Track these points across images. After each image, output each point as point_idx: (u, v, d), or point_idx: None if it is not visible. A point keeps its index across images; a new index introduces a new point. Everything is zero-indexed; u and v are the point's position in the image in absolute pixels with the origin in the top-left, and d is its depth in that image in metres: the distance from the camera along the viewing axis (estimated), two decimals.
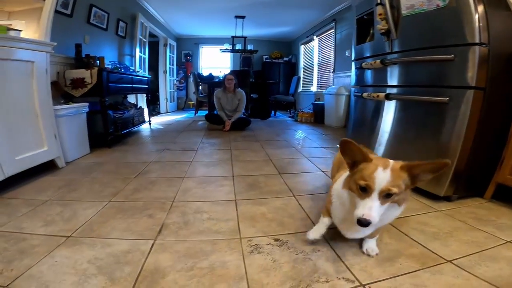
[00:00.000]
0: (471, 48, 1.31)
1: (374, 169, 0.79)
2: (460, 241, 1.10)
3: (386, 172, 0.78)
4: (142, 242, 1.05)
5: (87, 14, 3.10)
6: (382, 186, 0.77)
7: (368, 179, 0.78)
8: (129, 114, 3.19)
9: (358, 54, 2.26)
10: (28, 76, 1.71)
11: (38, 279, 0.83)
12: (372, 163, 0.82)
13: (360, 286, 0.84)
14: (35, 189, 1.56)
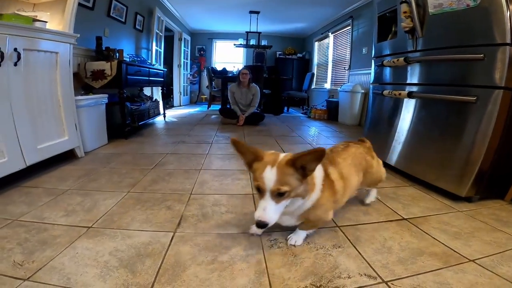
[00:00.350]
0: (501, 48, 1.27)
1: (263, 169, 0.77)
2: (482, 241, 1.08)
3: (273, 170, 0.76)
4: (162, 234, 1.05)
5: (107, 7, 3.14)
6: (271, 186, 0.76)
7: (259, 180, 0.77)
8: (145, 106, 3.22)
9: (379, 51, 2.23)
10: (52, 67, 1.74)
11: (59, 271, 0.83)
12: (262, 162, 0.80)
13: (382, 283, 0.82)
14: (55, 178, 1.59)
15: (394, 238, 1.08)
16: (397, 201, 1.43)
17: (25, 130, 1.49)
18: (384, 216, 1.26)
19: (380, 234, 1.10)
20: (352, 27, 4.93)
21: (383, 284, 0.82)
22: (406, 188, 1.63)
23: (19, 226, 1.06)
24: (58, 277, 0.80)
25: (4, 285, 0.75)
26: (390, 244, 1.03)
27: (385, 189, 1.58)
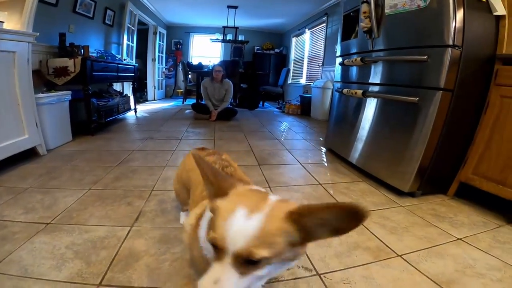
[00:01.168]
0: (444, 50, 1.34)
1: (229, 213, 0.45)
2: (414, 236, 1.18)
3: (250, 222, 0.43)
4: (119, 229, 1.12)
5: (73, 3, 3.05)
6: (238, 246, 0.43)
7: (217, 230, 0.45)
8: (113, 102, 3.18)
9: (343, 50, 2.30)
10: (9, 66, 1.71)
11: (18, 263, 0.89)
12: (230, 200, 0.48)
13: (316, 275, 0.92)
14: (16, 176, 1.59)
15: None
16: (347, 196, 1.56)
17: None
18: None
19: None
20: (327, 24, 5.04)
21: (317, 276, 0.92)
22: (358, 184, 1.75)
23: None
24: (16, 268, 0.86)
25: None
26: (331, 238, 1.14)
27: (338, 185, 1.72)
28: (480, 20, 1.41)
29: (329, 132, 2.52)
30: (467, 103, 1.47)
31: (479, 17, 1.40)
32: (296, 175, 1.86)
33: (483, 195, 1.45)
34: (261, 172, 1.85)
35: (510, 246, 1.13)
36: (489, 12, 1.42)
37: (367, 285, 0.89)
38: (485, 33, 1.44)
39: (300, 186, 1.67)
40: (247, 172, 1.84)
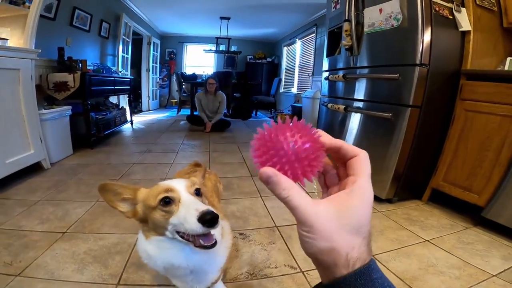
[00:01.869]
0: (413, 69, 1.46)
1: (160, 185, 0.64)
2: (387, 238, 1.32)
3: (176, 180, 0.67)
4: (128, 236, 1.24)
5: (70, 17, 3.15)
6: (183, 186, 0.65)
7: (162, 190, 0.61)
8: (111, 115, 3.28)
9: (329, 65, 2.41)
10: (14, 84, 1.81)
11: (44, 268, 1.01)
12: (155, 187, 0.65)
13: (300, 272, 1.07)
14: (25, 190, 1.69)
15: None
16: None
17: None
18: None
19: None
20: (316, 34, 5.24)
21: (301, 273, 1.07)
22: None
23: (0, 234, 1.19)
24: (43, 272, 0.99)
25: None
26: None
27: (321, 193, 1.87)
28: (447, 36, 1.52)
29: None
30: (435, 117, 1.61)
31: (446, 33, 1.52)
32: None
33: (453, 200, 1.60)
34: (253, 183, 1.99)
35: (473, 247, 1.28)
36: (455, 28, 1.53)
37: None
38: (451, 49, 1.55)
39: None
40: (240, 183, 1.97)
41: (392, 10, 1.55)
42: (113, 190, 0.64)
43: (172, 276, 0.70)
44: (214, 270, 0.72)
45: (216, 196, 0.99)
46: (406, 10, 1.48)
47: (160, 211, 0.60)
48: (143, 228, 0.67)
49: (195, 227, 0.54)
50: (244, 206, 1.61)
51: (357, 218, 0.25)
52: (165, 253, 0.64)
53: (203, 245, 0.57)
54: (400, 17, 1.51)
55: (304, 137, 0.26)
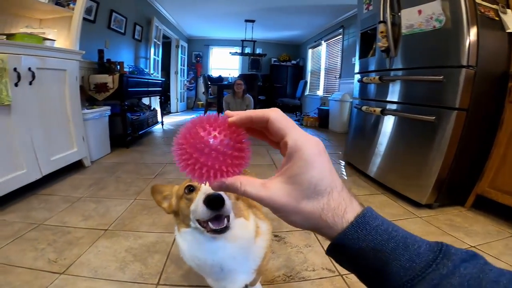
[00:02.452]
0: (459, 70, 1.39)
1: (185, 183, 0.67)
2: None
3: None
4: (166, 235, 1.24)
5: (108, 20, 3.31)
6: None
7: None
8: (144, 116, 3.39)
9: (361, 67, 2.37)
10: (61, 84, 1.92)
11: (88, 266, 1.02)
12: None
13: (338, 276, 1.03)
14: (68, 186, 1.77)
15: None
16: None
17: (40, 143, 1.66)
18: None
19: None
20: (343, 36, 5.14)
21: (339, 276, 1.02)
22: (377, 196, 1.83)
23: (45, 230, 1.25)
24: (87, 270, 1.00)
25: (44, 278, 0.94)
26: None
27: (359, 197, 1.77)
28: (493, 38, 1.45)
29: (348, 146, 2.58)
30: (482, 120, 1.52)
31: (493, 35, 1.45)
32: None
33: (499, 207, 1.50)
34: None
35: None
36: (502, 29, 1.46)
37: None
38: (499, 51, 1.48)
39: None
40: None
41: (433, 12, 1.51)
42: (160, 190, 0.73)
43: (205, 274, 0.70)
44: (246, 270, 0.69)
45: None
46: (449, 11, 1.44)
47: (184, 200, 0.63)
48: (176, 221, 0.70)
49: (201, 209, 0.55)
50: None
51: (306, 182, 0.24)
52: (190, 246, 0.66)
53: (213, 228, 0.57)
54: (443, 19, 1.47)
55: (223, 131, 0.25)
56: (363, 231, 0.24)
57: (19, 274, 0.95)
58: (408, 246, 0.24)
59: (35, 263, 1.01)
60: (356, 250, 0.24)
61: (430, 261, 0.22)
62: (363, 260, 0.24)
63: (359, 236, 0.24)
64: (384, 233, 0.24)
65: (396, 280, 0.22)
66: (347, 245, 0.24)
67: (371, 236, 0.24)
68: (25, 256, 1.05)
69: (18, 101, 1.49)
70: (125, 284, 0.94)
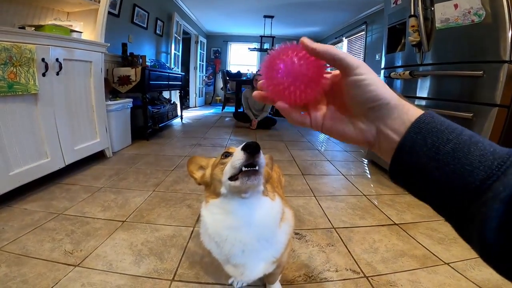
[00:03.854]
0: (500, 66, 1.32)
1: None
2: (462, 247, 1.17)
3: None
4: (183, 229, 1.22)
5: (131, 14, 3.36)
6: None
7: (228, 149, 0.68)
8: (164, 109, 3.43)
9: (388, 62, 2.28)
10: (86, 75, 1.95)
11: (103, 259, 1.01)
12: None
13: (364, 278, 0.96)
14: (89, 176, 1.80)
15: (382, 240, 1.20)
16: (393, 208, 1.54)
17: (65, 133, 1.70)
18: (377, 220, 1.38)
19: (371, 236, 1.23)
20: (366, 32, 4.96)
21: (364, 278, 0.96)
22: (404, 196, 1.71)
23: (64, 220, 1.26)
24: (102, 263, 0.98)
25: (58, 271, 0.93)
26: (377, 245, 1.16)
27: (383, 196, 1.69)
28: None
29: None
30: None
31: None
32: (339, 186, 1.86)
33: None
34: (305, 182, 1.88)
35: None
36: None
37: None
38: None
39: (345, 196, 1.68)
40: (291, 181, 1.87)
41: (472, 6, 1.45)
42: (196, 162, 0.76)
43: (223, 256, 0.65)
44: (267, 258, 0.66)
45: (281, 188, 0.98)
46: (489, 6, 1.37)
47: (219, 165, 0.64)
48: (206, 193, 0.70)
49: (238, 156, 0.56)
50: (297, 205, 1.51)
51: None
52: (215, 219, 0.64)
53: (245, 170, 0.56)
54: (483, 13, 1.39)
55: (301, 56, 0.28)
56: (429, 124, 0.23)
57: (34, 265, 0.95)
58: (477, 143, 0.22)
59: (51, 255, 1.01)
60: (425, 148, 0.23)
61: (508, 155, 0.20)
62: (434, 163, 0.22)
63: (426, 130, 0.23)
64: (450, 127, 0.23)
65: (470, 180, 0.20)
66: (415, 143, 0.23)
67: (436, 129, 0.23)
68: (42, 247, 1.05)
69: (45, 90, 1.53)
70: (139, 279, 0.92)
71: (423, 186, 0.23)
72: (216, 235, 0.63)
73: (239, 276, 0.67)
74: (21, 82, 1.36)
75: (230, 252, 0.63)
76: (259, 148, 0.56)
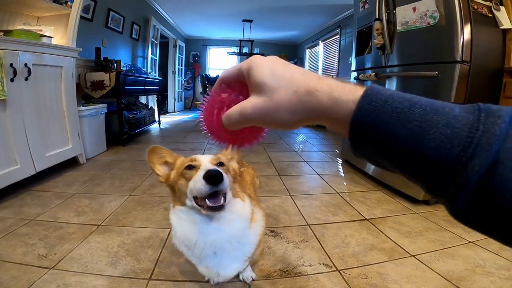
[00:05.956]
0: (453, 66, 1.41)
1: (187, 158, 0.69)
2: (427, 239, 1.27)
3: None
4: (160, 230, 1.24)
5: (106, 18, 3.30)
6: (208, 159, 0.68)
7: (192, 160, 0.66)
8: (141, 114, 3.39)
9: (357, 65, 2.39)
10: (57, 80, 1.91)
11: (78, 261, 1.02)
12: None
13: (336, 271, 1.03)
14: (62, 183, 1.76)
15: (353, 235, 1.29)
16: (364, 204, 1.64)
17: (35, 139, 1.66)
18: (349, 216, 1.48)
19: (343, 231, 1.32)
20: (340, 36, 5.16)
21: (336, 272, 1.03)
22: (375, 193, 1.84)
23: (37, 225, 1.24)
24: (77, 265, 0.99)
25: (32, 273, 0.93)
26: (349, 240, 1.25)
27: (355, 193, 1.81)
28: (487, 34, 1.48)
29: (345, 144, 2.60)
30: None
31: (486, 31, 1.48)
32: (314, 185, 1.95)
33: None
34: (281, 182, 1.95)
35: None
36: (495, 26, 1.49)
37: (382, 280, 0.99)
38: (493, 47, 1.50)
39: (319, 195, 1.77)
40: (268, 182, 1.94)
41: (428, 9, 1.54)
42: (159, 153, 0.71)
43: (196, 258, 0.67)
44: (239, 257, 0.68)
45: (253, 189, 1.00)
46: (443, 8, 1.46)
47: (183, 177, 0.63)
48: (173, 198, 0.70)
49: (200, 184, 0.56)
50: (273, 204, 1.57)
51: (260, 82, 0.25)
52: (183, 225, 0.65)
53: (210, 205, 0.57)
54: (437, 15, 1.49)
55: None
56: (377, 101, 0.20)
57: (8, 269, 0.94)
58: (438, 110, 0.19)
59: (24, 258, 1.00)
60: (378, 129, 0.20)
61: (473, 122, 0.18)
62: (391, 140, 0.19)
63: (374, 108, 0.20)
64: (403, 100, 0.20)
65: (444, 155, 0.18)
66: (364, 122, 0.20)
67: (388, 105, 0.20)
68: (15, 251, 1.04)
69: (14, 96, 1.49)
70: (116, 279, 0.94)
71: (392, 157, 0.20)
72: (186, 239, 0.64)
73: (215, 277, 0.68)
74: None
75: (201, 254, 0.64)
76: (222, 177, 0.55)
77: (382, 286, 0.96)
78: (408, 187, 1.70)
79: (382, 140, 0.20)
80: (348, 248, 1.17)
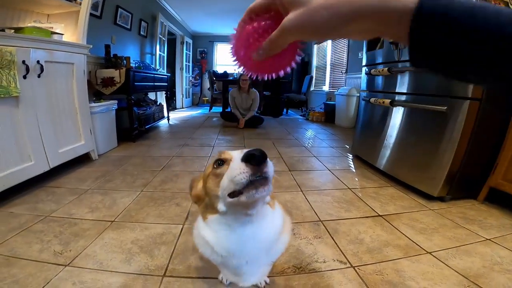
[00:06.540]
0: None
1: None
2: (443, 236, 1.24)
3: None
4: (173, 226, 1.24)
5: (114, 15, 3.32)
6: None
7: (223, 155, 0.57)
8: (151, 110, 3.40)
9: (368, 60, 2.35)
10: (69, 77, 1.92)
11: (93, 258, 1.02)
12: None
13: (350, 267, 1.01)
14: (75, 179, 1.78)
15: (367, 231, 1.26)
16: (377, 200, 1.61)
17: (49, 136, 1.67)
18: (362, 212, 1.45)
19: (356, 228, 1.29)
20: None
21: (351, 268, 1.01)
22: (387, 188, 1.80)
23: (52, 222, 1.25)
24: (92, 262, 0.99)
25: (49, 270, 0.94)
26: (363, 236, 1.22)
27: (367, 189, 1.77)
28: None
29: (356, 139, 2.56)
30: (495, 111, 1.48)
31: None
32: (325, 180, 1.92)
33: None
34: (292, 177, 1.93)
35: None
36: None
37: (398, 277, 0.96)
38: None
39: (330, 190, 1.74)
40: (279, 177, 1.92)
41: None
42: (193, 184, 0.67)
43: (227, 268, 0.62)
44: (267, 262, 0.66)
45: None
46: None
47: (212, 177, 0.54)
48: (202, 209, 0.62)
49: (238, 170, 0.45)
50: (285, 200, 1.55)
51: None
52: (220, 235, 0.57)
53: (256, 184, 0.46)
54: None
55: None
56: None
57: (24, 266, 0.95)
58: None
59: (40, 255, 1.01)
60: (455, 20, 0.19)
61: None
62: (469, 24, 0.19)
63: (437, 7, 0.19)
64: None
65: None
66: (432, 15, 0.19)
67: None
68: (31, 248, 1.05)
69: (27, 93, 1.50)
70: (131, 276, 0.93)
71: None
72: (223, 251, 0.58)
73: (240, 283, 0.63)
74: (2, 84, 1.34)
75: (235, 264, 0.59)
76: (266, 156, 0.46)
77: (398, 282, 0.94)
78: (422, 183, 1.67)
79: (458, 28, 0.18)
80: (362, 245, 1.15)
